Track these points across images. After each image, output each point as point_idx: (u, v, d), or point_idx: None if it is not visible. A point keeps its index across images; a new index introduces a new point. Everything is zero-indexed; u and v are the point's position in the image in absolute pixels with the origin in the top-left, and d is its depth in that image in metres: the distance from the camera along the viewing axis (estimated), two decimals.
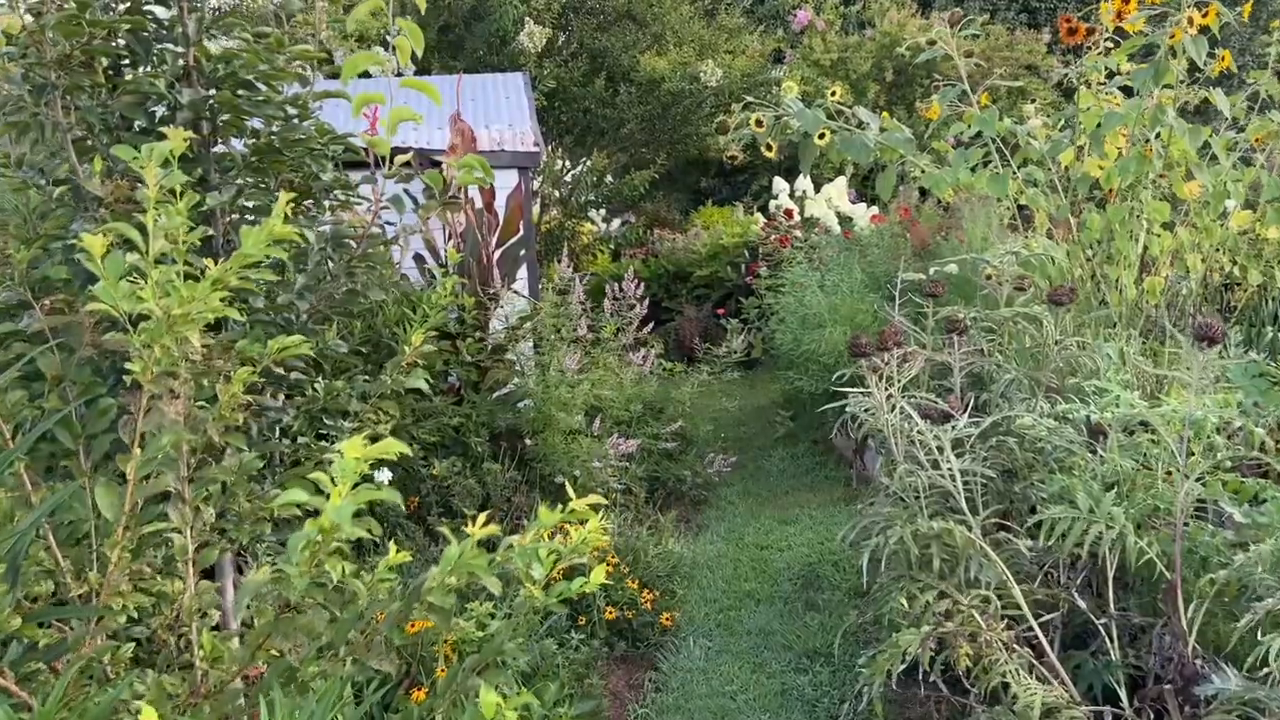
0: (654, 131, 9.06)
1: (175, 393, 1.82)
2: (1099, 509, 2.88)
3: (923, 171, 7.03)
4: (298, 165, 2.77)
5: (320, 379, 2.61)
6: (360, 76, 2.31)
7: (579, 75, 8.62)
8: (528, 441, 4.86)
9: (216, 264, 2.02)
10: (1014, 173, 5.98)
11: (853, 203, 9.74)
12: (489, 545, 4.28)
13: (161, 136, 1.76)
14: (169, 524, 1.92)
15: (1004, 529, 3.41)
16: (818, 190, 9.72)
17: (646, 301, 5.14)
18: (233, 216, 2.55)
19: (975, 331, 3.75)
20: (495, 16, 7.90)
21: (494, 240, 5.34)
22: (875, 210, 9.53)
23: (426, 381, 4.86)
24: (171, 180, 1.74)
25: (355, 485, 1.46)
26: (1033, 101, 9.87)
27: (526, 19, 7.81)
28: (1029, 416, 3.48)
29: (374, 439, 2.66)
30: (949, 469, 3.20)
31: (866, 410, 3.24)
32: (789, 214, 9.09)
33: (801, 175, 9.61)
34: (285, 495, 1.27)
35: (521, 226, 5.68)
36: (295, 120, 2.71)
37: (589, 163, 9.33)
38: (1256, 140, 5.83)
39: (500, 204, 5.46)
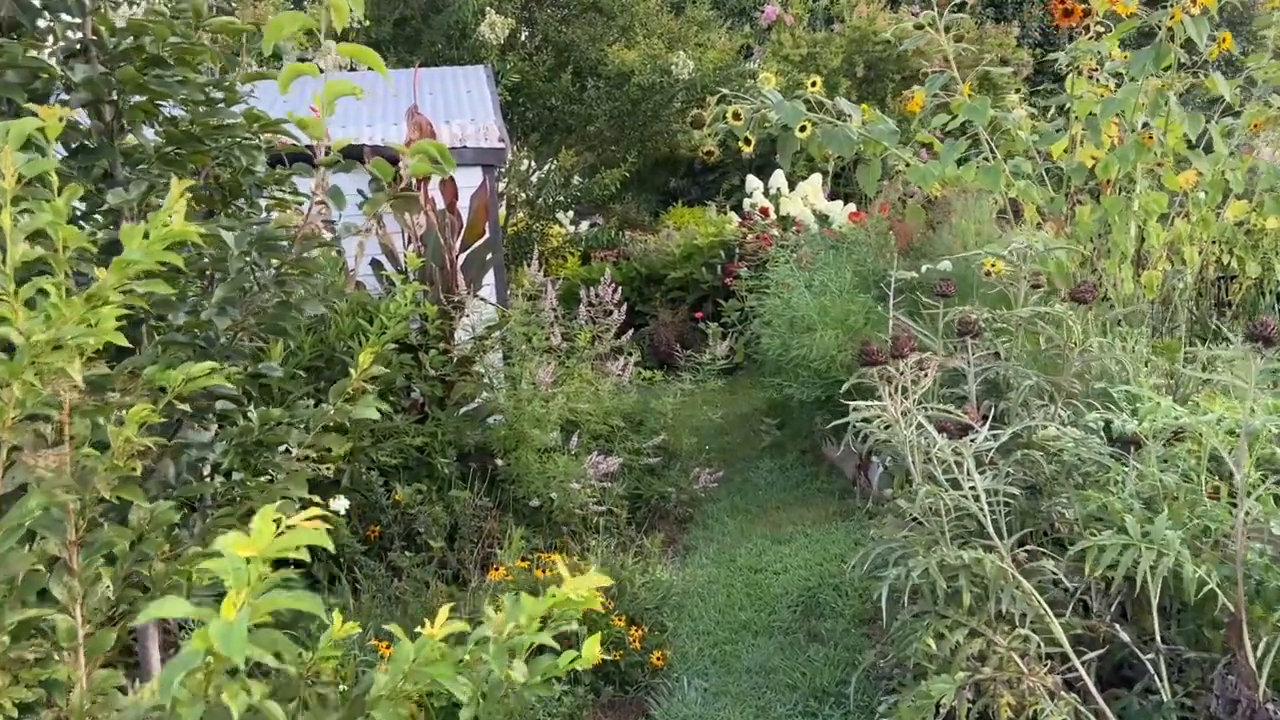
0: (623, 128, 8.70)
1: (49, 439, 1.42)
2: (1151, 533, 2.55)
3: (907, 165, 6.72)
4: (225, 158, 2.37)
5: (252, 408, 2.21)
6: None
7: (544, 70, 8.23)
8: (499, 462, 4.47)
9: None
10: (1003, 165, 5.69)
11: (828, 200, 9.45)
12: (458, 579, 3.79)
13: None
14: (52, 605, 1.52)
15: (1029, 550, 3.09)
16: (792, 188, 9.42)
17: (624, 307, 4.78)
18: (145, 218, 2.14)
19: (989, 334, 3.42)
20: (454, 7, 7.49)
21: (458, 243, 4.94)
22: (852, 207, 9.25)
23: (387, 400, 4.49)
24: (35, 168, 1.35)
25: (282, 556, 1.07)
26: (1017, 91, 9.64)
27: (487, 8, 7.41)
28: (1053, 426, 3.16)
29: (315, 484, 2.25)
30: (972, 488, 2.87)
31: (878, 424, 2.89)
32: (765, 212, 8.77)
33: (781, 170, 9.29)
34: (153, 609, 0.89)
35: (487, 228, 5.29)
36: (222, 105, 2.31)
37: (556, 162, 8.95)
38: (1254, 126, 5.57)
39: (464, 204, 5.07)
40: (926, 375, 2.92)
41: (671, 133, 9.54)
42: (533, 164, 9.00)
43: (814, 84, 5.88)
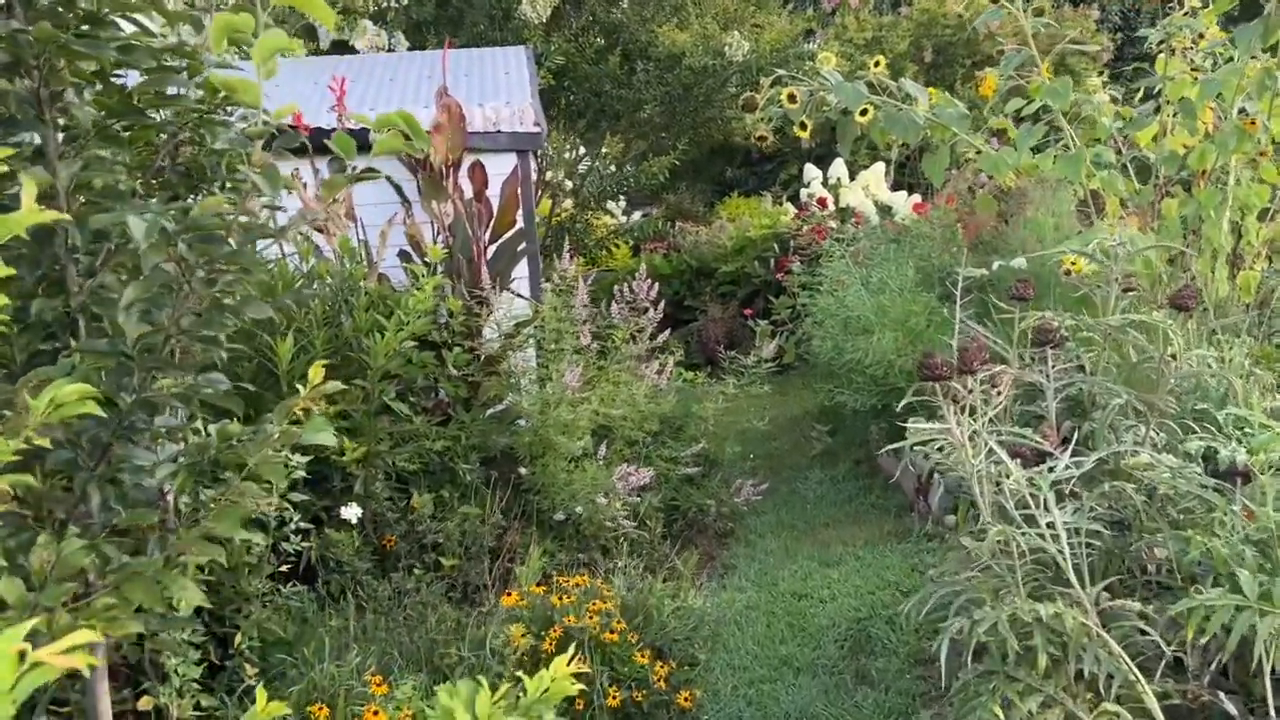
0: (674, 114, 8.29)
1: None
2: (1274, 594, 2.12)
3: (977, 153, 6.23)
4: (193, 135, 2.06)
5: (202, 423, 1.90)
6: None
7: (591, 52, 7.86)
8: (522, 470, 4.14)
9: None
10: (1086, 154, 5.19)
11: (891, 191, 8.95)
12: (472, 598, 3.42)
13: None
14: None
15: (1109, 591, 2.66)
16: (853, 178, 8.94)
17: (662, 305, 4.41)
18: (80, 201, 1.84)
19: (1073, 343, 2.98)
20: None
21: (486, 234, 4.62)
22: (916, 198, 8.74)
23: (406, 401, 4.19)
24: None
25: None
26: (1100, 75, 9.02)
27: None
28: (1145, 453, 2.72)
29: (327, 490, 1.93)
30: (1049, 525, 2.45)
31: (941, 449, 2.49)
32: (823, 203, 8.31)
33: (840, 158, 8.82)
34: None
35: (520, 218, 4.97)
36: (182, 74, 2.00)
37: (602, 150, 8.59)
38: None
39: (496, 193, 4.75)
40: (999, 393, 2.50)
41: (726, 119, 9.11)
42: (580, 150, 8.66)
43: (877, 64, 5.44)
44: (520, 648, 2.98)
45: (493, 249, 4.74)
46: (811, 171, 8.77)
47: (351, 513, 3.78)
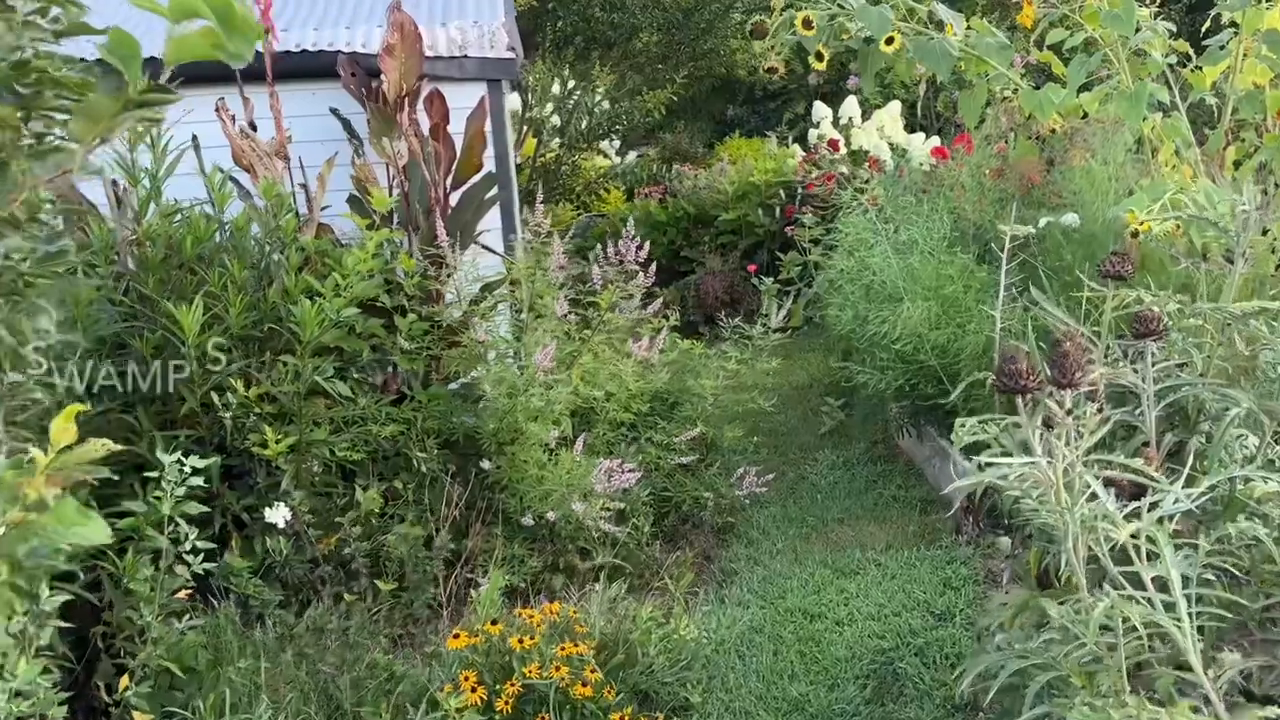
0: (672, 43, 7.50)
1: None
2: None
3: (1014, 91, 5.54)
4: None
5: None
6: None
7: None
8: (484, 465, 3.51)
9: None
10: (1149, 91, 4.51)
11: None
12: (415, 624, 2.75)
13: None
14: None
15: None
16: (865, 118, 8.18)
17: (653, 268, 3.73)
18: None
19: (1178, 334, 2.32)
20: None
21: (448, 179, 3.92)
22: (935, 141, 7.99)
23: (347, 379, 3.54)
24: None
25: None
26: (1154, 2, 8.18)
27: None
28: (1275, 481, 2.09)
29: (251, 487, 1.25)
30: (1159, 584, 1.84)
31: (1025, 490, 1.85)
32: (834, 145, 7.57)
33: (852, 95, 8.05)
34: None
35: (491, 160, 4.27)
36: None
37: (591, 83, 7.81)
38: None
39: (460, 130, 4.03)
40: (1099, 408, 1.85)
41: (728, 50, 8.31)
42: (569, 84, 7.88)
43: None
44: (468, 706, 2.37)
45: (457, 196, 4.05)
46: (821, 110, 8.01)
47: (278, 515, 3.15)
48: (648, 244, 4.02)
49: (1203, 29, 4.98)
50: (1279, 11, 4.23)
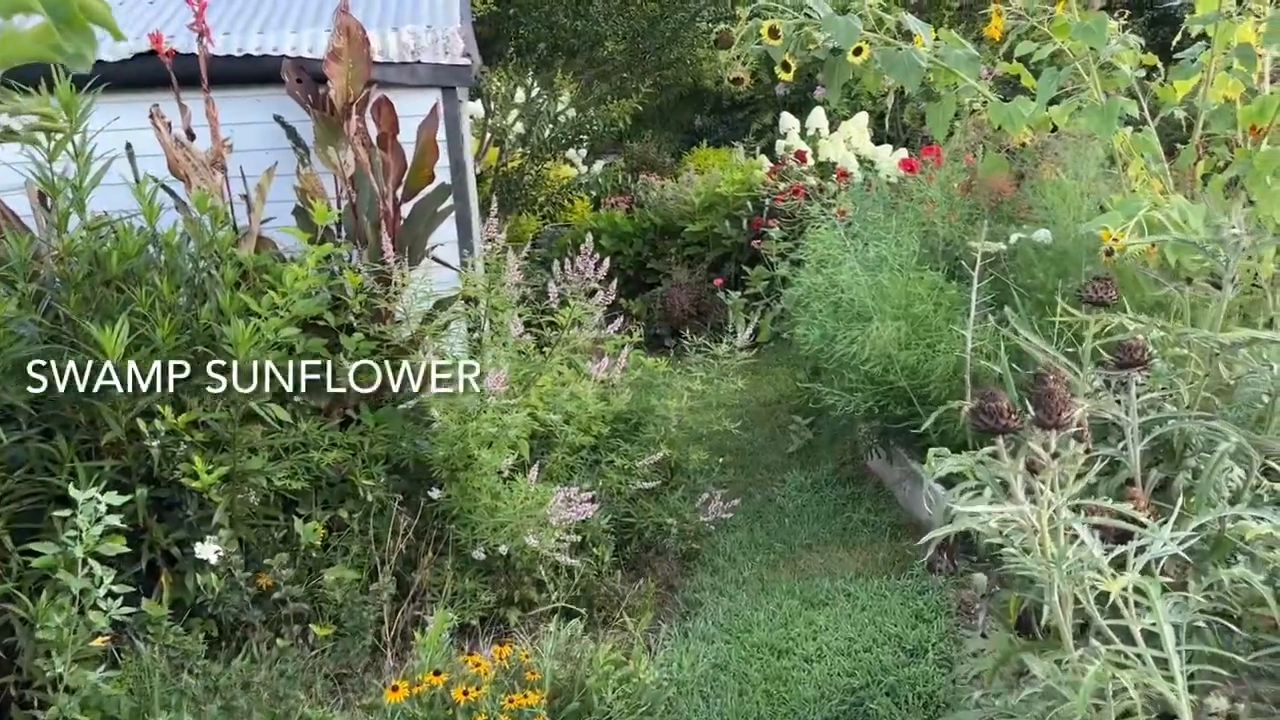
0: (637, 52, 7.36)
1: None
2: None
3: (983, 104, 5.44)
4: None
5: None
6: None
7: None
8: (434, 494, 3.32)
9: None
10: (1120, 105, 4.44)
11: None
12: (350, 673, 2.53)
13: None
14: None
15: None
16: (833, 129, 8.09)
17: (614, 285, 3.56)
18: None
19: (1161, 363, 2.20)
20: None
21: (397, 190, 3.74)
22: (903, 153, 7.91)
23: (286, 404, 3.34)
24: None
25: None
26: (1119, 15, 8.17)
27: None
28: (1269, 519, 1.97)
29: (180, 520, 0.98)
30: (1149, 636, 1.71)
31: (1006, 537, 1.71)
32: (801, 157, 7.46)
33: (819, 107, 7.96)
34: None
35: (445, 171, 4.09)
36: None
37: (552, 91, 7.64)
38: None
39: (411, 139, 3.84)
40: (1086, 449, 1.72)
41: (695, 60, 8.18)
42: (533, 92, 7.69)
43: None
44: None
45: (409, 208, 3.86)
46: (788, 121, 7.90)
47: (209, 550, 2.95)
48: (612, 256, 3.85)
49: (1172, 43, 4.92)
50: (1250, 25, 4.17)
